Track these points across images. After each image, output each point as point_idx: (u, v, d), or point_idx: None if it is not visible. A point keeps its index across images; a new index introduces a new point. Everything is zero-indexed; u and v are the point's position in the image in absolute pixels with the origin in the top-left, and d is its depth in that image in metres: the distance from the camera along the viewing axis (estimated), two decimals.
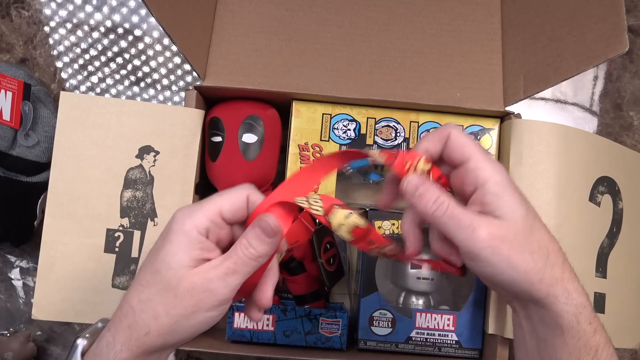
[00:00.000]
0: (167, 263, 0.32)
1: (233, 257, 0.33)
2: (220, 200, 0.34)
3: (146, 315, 0.32)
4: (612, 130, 0.69)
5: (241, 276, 0.33)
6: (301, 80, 0.56)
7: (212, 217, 0.34)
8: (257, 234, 0.33)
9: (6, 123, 0.57)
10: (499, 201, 0.34)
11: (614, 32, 0.45)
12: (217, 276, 0.32)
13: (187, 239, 0.33)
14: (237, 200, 0.35)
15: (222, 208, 0.34)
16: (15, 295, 0.65)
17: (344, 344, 0.55)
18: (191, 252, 0.33)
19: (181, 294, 0.32)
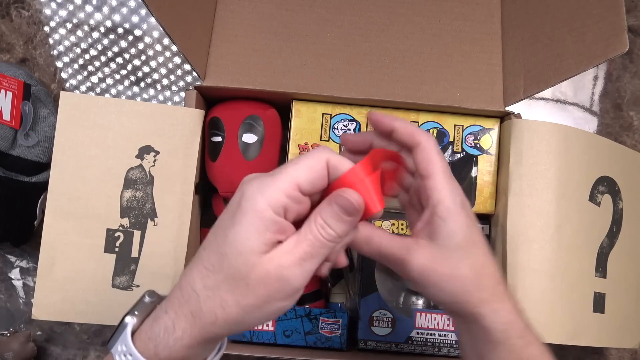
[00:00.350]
0: (236, 248, 0.29)
1: (309, 239, 0.30)
2: (297, 170, 0.30)
3: (213, 303, 0.29)
4: (612, 130, 0.69)
5: (318, 260, 0.30)
6: (301, 80, 0.56)
7: (289, 191, 0.29)
8: (335, 212, 0.30)
9: (6, 123, 0.57)
10: (442, 226, 0.34)
11: (614, 32, 0.46)
12: (293, 263, 0.29)
13: (261, 221, 0.29)
14: (317, 167, 0.30)
15: (299, 179, 0.29)
16: (15, 295, 0.65)
17: (344, 344, 0.55)
18: (265, 236, 0.29)
19: (253, 284, 0.29)
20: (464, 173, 0.57)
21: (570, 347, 0.63)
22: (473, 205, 0.57)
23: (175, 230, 0.53)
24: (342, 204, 0.30)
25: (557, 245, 0.52)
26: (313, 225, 0.30)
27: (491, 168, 0.57)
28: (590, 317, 0.54)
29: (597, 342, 0.55)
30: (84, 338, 0.65)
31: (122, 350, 0.31)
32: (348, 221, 0.30)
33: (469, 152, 0.57)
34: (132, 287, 0.52)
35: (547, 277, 0.51)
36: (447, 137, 0.57)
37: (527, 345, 0.35)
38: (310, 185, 0.30)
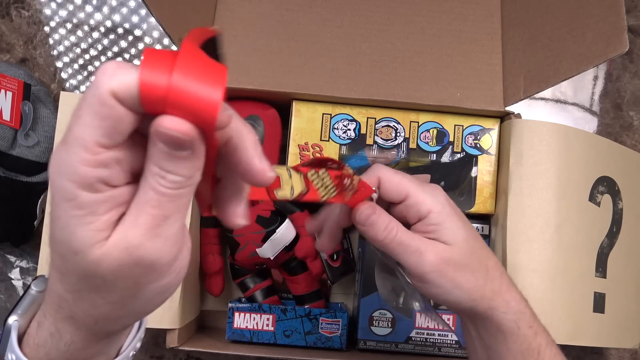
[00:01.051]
0: (68, 248, 0.22)
1: (150, 199, 0.21)
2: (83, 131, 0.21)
3: (83, 305, 0.24)
4: (612, 130, 0.69)
5: (177, 217, 0.22)
6: (301, 80, 0.56)
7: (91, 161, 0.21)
8: (165, 153, 0.21)
9: (6, 123, 0.57)
10: (441, 229, 0.36)
11: (614, 32, 0.46)
12: (142, 237, 0.22)
13: (79, 208, 0.21)
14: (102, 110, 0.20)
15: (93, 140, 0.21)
16: (15, 296, 0.65)
17: (344, 344, 0.55)
18: (95, 223, 0.21)
19: (110, 278, 0.22)
20: (464, 173, 0.57)
21: (570, 347, 0.63)
22: (473, 205, 0.57)
23: None
24: (166, 140, 0.20)
25: (557, 245, 0.52)
26: (150, 178, 0.21)
27: (491, 168, 0.57)
28: (590, 317, 0.54)
29: (597, 342, 0.55)
30: None
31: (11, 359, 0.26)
32: (186, 155, 0.21)
33: (469, 152, 0.57)
34: None
35: (547, 277, 0.51)
36: (447, 137, 0.57)
37: (536, 334, 0.37)
38: (111, 138, 0.21)
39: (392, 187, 0.36)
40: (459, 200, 0.56)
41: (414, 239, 0.35)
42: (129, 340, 0.30)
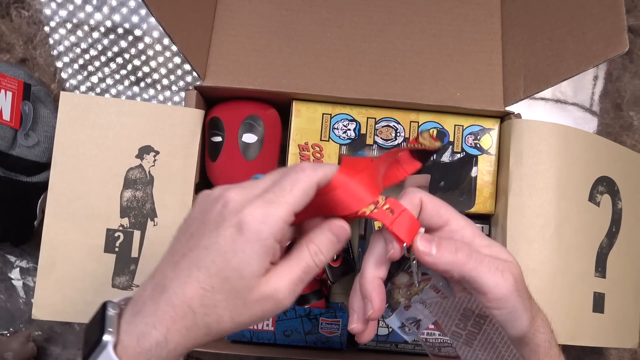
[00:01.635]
0: (239, 272, 0.30)
1: (302, 265, 0.31)
2: (296, 196, 0.31)
3: (209, 319, 0.30)
4: (612, 130, 0.69)
5: (307, 282, 0.32)
6: (301, 80, 0.56)
7: (287, 219, 0.30)
8: (330, 240, 0.32)
9: (6, 123, 0.57)
10: (495, 250, 0.34)
11: (614, 32, 0.46)
12: (286, 287, 0.31)
13: (263, 249, 0.30)
14: (310, 193, 0.31)
15: (296, 205, 0.31)
16: (15, 295, 0.65)
17: (344, 344, 0.55)
18: (265, 262, 0.30)
19: (250, 304, 0.30)
20: (464, 173, 0.57)
21: (570, 347, 0.63)
22: (473, 205, 0.57)
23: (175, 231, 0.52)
24: (337, 232, 0.32)
25: (556, 245, 0.52)
26: (306, 251, 0.32)
27: (491, 168, 0.57)
28: (590, 317, 0.54)
29: (596, 342, 0.55)
30: None
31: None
32: (338, 247, 0.32)
33: (469, 152, 0.57)
34: (132, 287, 0.52)
35: (547, 277, 0.51)
36: (447, 137, 0.57)
37: (560, 353, 0.36)
38: (302, 207, 0.31)
39: (433, 210, 0.34)
40: (459, 201, 0.56)
41: (490, 257, 0.33)
42: None
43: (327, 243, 0.32)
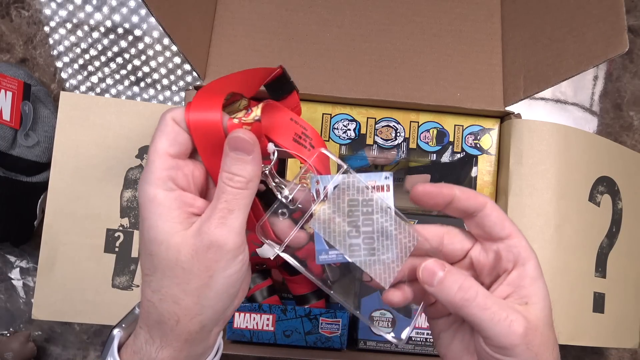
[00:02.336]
0: (154, 240, 0.28)
1: (221, 196, 0.29)
2: (155, 144, 0.29)
3: (167, 304, 0.29)
4: (612, 130, 0.69)
5: (240, 212, 0.29)
6: (301, 80, 0.56)
7: (163, 164, 0.29)
8: (234, 158, 0.29)
9: (6, 123, 0.57)
10: (535, 287, 0.31)
11: (614, 32, 0.46)
12: (213, 225, 0.28)
13: (159, 206, 0.28)
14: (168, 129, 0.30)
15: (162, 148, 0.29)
16: (15, 295, 0.65)
17: (344, 343, 0.55)
18: (171, 215, 0.28)
19: (187, 265, 0.28)
20: (464, 173, 0.57)
21: (570, 347, 0.63)
22: None
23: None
24: (236, 145, 0.29)
25: (557, 245, 0.52)
26: (220, 182, 0.29)
27: (491, 168, 0.57)
28: (590, 317, 0.54)
29: (596, 342, 0.55)
30: (84, 338, 0.65)
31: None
32: (250, 159, 0.29)
33: (469, 152, 0.57)
34: (132, 287, 0.52)
35: (547, 277, 0.51)
36: (447, 137, 0.57)
37: None
38: (174, 147, 0.30)
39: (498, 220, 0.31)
40: None
41: (500, 304, 0.30)
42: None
43: (234, 162, 0.29)
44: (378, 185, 0.31)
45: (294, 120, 0.32)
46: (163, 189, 0.29)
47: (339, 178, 0.31)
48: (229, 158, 0.29)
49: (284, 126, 0.31)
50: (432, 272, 0.31)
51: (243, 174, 0.29)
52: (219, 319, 0.31)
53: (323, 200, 0.31)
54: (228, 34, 0.58)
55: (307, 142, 0.32)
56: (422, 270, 0.31)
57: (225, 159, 0.29)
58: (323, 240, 0.31)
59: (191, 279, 0.28)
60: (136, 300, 0.34)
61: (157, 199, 0.28)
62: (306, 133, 0.32)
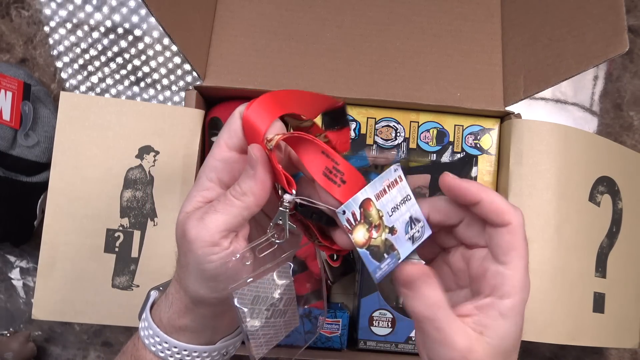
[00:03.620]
0: (178, 215, 0.32)
1: (220, 197, 0.31)
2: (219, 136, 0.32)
3: (178, 267, 0.33)
4: (612, 130, 0.69)
5: (223, 217, 0.30)
6: (301, 80, 0.56)
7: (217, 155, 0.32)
8: (245, 170, 0.31)
9: (6, 123, 0.57)
10: (497, 325, 0.30)
11: (614, 32, 0.46)
12: (193, 218, 0.30)
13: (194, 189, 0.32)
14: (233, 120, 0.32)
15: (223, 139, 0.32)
16: (15, 295, 0.65)
17: (344, 344, 0.55)
18: (194, 200, 0.32)
19: (178, 242, 0.32)
20: (464, 173, 0.57)
21: (570, 347, 0.63)
22: None
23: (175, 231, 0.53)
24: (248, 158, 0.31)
25: (557, 245, 0.52)
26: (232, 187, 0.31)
27: (491, 168, 0.57)
28: (590, 317, 0.54)
29: (597, 342, 0.55)
30: (84, 338, 0.65)
31: (143, 317, 0.36)
32: (251, 174, 0.30)
33: (469, 152, 0.57)
34: (132, 287, 0.52)
35: (547, 277, 0.51)
36: (447, 137, 0.57)
37: None
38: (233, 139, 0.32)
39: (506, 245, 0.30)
40: None
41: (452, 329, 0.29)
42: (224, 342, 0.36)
43: (243, 173, 0.31)
44: (391, 181, 0.31)
45: (326, 154, 0.32)
46: (206, 177, 0.32)
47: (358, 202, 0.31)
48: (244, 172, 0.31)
49: (314, 159, 0.31)
50: (412, 275, 0.30)
51: (241, 185, 0.31)
52: (212, 305, 0.33)
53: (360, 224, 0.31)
54: (228, 34, 0.58)
55: (338, 177, 0.32)
56: (401, 273, 0.30)
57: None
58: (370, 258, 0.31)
59: (180, 255, 0.32)
60: (136, 300, 0.35)
61: (198, 182, 0.32)
62: (337, 167, 0.32)
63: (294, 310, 0.35)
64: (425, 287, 0.29)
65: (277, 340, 0.35)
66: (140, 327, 0.36)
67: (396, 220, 0.31)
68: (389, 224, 0.31)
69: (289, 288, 0.34)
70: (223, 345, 0.36)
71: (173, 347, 0.34)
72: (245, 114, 0.31)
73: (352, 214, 0.30)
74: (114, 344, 0.65)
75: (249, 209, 0.31)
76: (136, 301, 0.52)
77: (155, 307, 0.35)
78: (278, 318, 0.34)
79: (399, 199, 0.32)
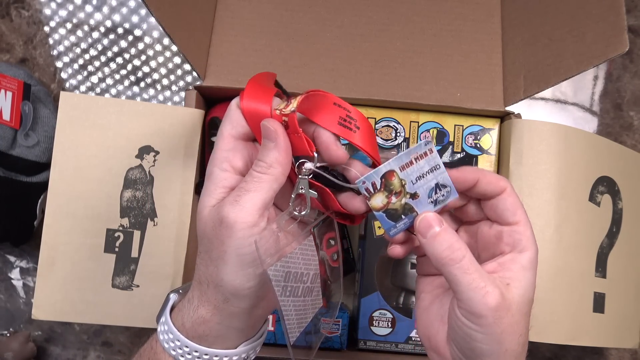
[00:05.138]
0: (198, 211, 0.32)
1: (245, 178, 0.31)
2: (221, 128, 0.33)
3: (203, 267, 0.32)
4: (612, 130, 0.69)
5: (257, 194, 0.31)
6: (301, 80, 0.56)
7: (224, 146, 0.33)
8: (262, 144, 0.32)
9: (6, 123, 0.57)
10: (521, 274, 0.32)
11: (614, 32, 0.46)
12: (228, 202, 0.30)
13: (210, 182, 0.32)
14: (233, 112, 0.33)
15: (227, 131, 0.33)
16: (15, 295, 0.65)
17: (344, 344, 0.55)
18: (215, 192, 0.32)
19: (210, 235, 0.31)
20: None
21: (570, 347, 0.63)
22: None
23: (175, 230, 0.53)
24: (263, 133, 0.32)
25: (557, 245, 0.52)
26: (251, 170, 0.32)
27: (491, 168, 0.57)
28: (590, 317, 0.54)
29: (597, 342, 0.55)
30: (84, 338, 0.65)
31: (162, 321, 0.35)
32: (272, 146, 0.31)
33: (469, 152, 0.57)
34: (132, 287, 0.52)
35: (547, 277, 0.51)
36: (447, 137, 0.57)
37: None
38: (236, 129, 0.33)
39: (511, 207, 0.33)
40: None
41: (481, 273, 0.31)
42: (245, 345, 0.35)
43: (261, 148, 0.32)
44: (420, 154, 0.32)
45: (338, 104, 0.33)
46: (218, 169, 0.32)
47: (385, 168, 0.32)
48: (261, 145, 0.32)
49: (328, 111, 0.33)
50: (428, 224, 0.32)
51: (265, 159, 0.31)
52: (245, 298, 0.32)
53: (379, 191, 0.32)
54: (228, 34, 0.58)
55: (352, 124, 0.33)
56: (420, 221, 0.32)
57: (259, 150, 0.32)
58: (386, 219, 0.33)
59: (212, 249, 0.31)
60: (136, 300, 0.34)
61: (211, 176, 0.32)
62: (350, 115, 0.33)
63: (318, 288, 0.36)
64: (444, 232, 0.31)
65: (305, 322, 0.35)
66: (159, 330, 0.35)
67: (420, 187, 0.33)
68: (412, 191, 0.33)
69: (314, 262, 0.35)
70: (244, 349, 0.35)
71: (194, 351, 0.33)
72: (244, 103, 0.33)
73: (372, 184, 0.32)
74: (114, 344, 0.65)
75: (277, 180, 0.31)
76: (136, 301, 0.52)
77: (176, 310, 0.35)
78: (307, 296, 0.35)
79: (426, 169, 0.33)
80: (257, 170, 0.31)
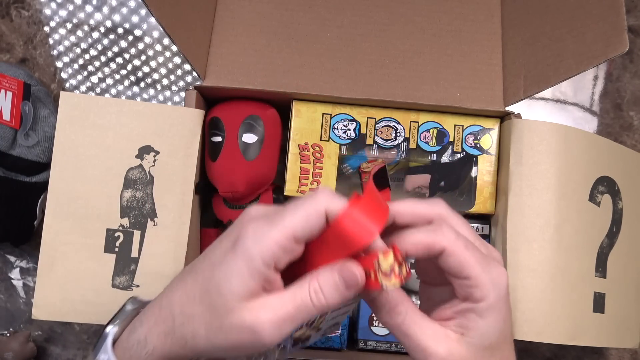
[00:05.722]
0: (218, 287, 0.28)
1: (297, 301, 0.28)
2: (293, 220, 0.28)
3: (186, 330, 0.29)
4: (612, 130, 0.69)
5: (297, 323, 0.28)
6: (301, 80, 0.56)
7: (283, 242, 0.28)
8: (335, 282, 0.28)
9: (6, 123, 0.57)
10: (478, 324, 0.30)
11: (614, 32, 0.46)
12: (271, 321, 0.28)
13: (248, 270, 0.28)
14: (314, 217, 0.28)
15: (296, 230, 0.28)
16: (15, 295, 0.65)
17: (344, 344, 0.55)
18: (249, 284, 0.28)
19: (226, 328, 0.28)
20: (464, 173, 0.57)
21: (570, 347, 0.63)
22: (473, 205, 0.57)
23: (175, 230, 0.53)
24: (347, 277, 0.28)
25: (557, 245, 0.52)
26: (306, 287, 0.28)
27: (491, 168, 0.57)
28: (590, 317, 0.54)
29: (597, 342, 0.55)
30: (84, 338, 0.65)
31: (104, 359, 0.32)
32: (344, 294, 0.28)
33: (469, 152, 0.57)
34: (132, 287, 0.52)
35: (547, 277, 0.51)
36: (447, 137, 0.57)
37: None
38: (305, 234, 0.28)
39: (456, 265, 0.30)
40: (459, 201, 0.56)
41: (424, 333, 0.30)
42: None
43: (331, 284, 0.28)
44: None
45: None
46: (263, 262, 0.28)
47: None
48: (330, 277, 0.28)
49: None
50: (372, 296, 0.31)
51: (328, 298, 0.28)
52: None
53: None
54: (228, 34, 0.58)
55: None
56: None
57: (327, 274, 0.28)
58: None
59: (219, 337, 0.28)
60: None
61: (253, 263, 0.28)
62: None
63: None
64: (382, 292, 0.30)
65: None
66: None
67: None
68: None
69: None
70: None
71: None
72: (342, 218, 0.28)
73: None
74: None
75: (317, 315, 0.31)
76: None
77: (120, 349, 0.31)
78: None
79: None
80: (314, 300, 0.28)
